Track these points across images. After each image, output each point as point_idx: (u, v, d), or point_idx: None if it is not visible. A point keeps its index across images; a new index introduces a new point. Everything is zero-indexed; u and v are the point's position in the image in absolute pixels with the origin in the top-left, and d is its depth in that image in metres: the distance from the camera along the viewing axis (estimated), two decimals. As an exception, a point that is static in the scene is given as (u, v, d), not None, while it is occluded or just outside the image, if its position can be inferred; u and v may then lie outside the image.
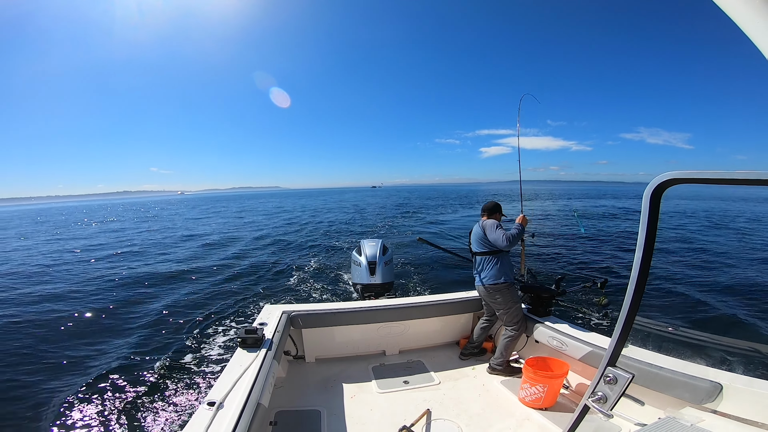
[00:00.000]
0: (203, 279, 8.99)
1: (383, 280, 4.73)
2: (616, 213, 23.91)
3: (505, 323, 3.07)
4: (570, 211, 24.11)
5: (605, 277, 3.27)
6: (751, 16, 0.66)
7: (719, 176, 0.95)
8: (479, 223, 3.22)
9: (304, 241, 14.84)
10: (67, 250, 14.95)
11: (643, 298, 1.17)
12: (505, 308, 3.03)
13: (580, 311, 5.33)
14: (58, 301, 7.47)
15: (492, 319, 3.30)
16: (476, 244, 3.18)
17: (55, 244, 17.28)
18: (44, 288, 8.55)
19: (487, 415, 2.52)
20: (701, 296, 6.61)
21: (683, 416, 1.64)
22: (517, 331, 3.02)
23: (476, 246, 3.18)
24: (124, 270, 10.28)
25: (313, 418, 2.48)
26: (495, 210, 3.26)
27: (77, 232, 22.94)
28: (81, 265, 11.50)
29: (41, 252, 14.64)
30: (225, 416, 1.66)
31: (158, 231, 21.53)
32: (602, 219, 19.63)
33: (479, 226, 3.19)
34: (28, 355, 4.97)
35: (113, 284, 8.72)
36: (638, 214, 1.13)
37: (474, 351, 3.35)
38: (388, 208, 33.67)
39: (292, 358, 3.22)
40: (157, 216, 37.00)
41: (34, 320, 6.27)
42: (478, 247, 3.17)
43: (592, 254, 10.95)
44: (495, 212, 3.25)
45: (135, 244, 15.79)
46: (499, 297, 3.04)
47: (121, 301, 7.33)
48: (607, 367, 1.25)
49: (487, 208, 3.28)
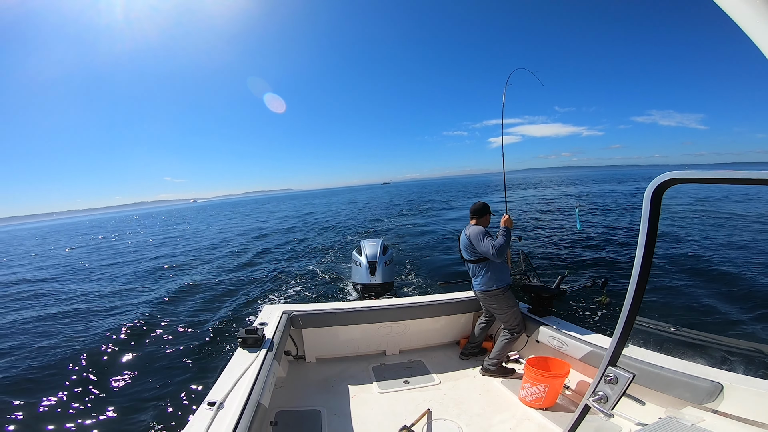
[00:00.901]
0: (203, 279, 8.99)
1: (383, 280, 4.73)
2: (627, 202, 22.97)
3: (505, 327, 3.05)
4: (573, 203, 23.71)
5: (605, 277, 3.26)
6: (751, 16, 0.66)
7: (719, 176, 0.95)
8: (465, 230, 3.10)
9: (304, 241, 14.85)
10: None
11: (643, 298, 1.17)
12: (503, 312, 3.00)
13: (581, 311, 5.34)
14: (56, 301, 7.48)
15: (491, 318, 3.29)
16: (465, 252, 3.11)
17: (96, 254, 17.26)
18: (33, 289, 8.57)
19: (487, 415, 2.52)
20: (702, 296, 6.60)
21: (684, 416, 1.64)
22: (516, 334, 2.99)
23: (465, 254, 3.11)
24: (122, 272, 10.29)
25: (313, 418, 2.47)
26: (484, 212, 3.13)
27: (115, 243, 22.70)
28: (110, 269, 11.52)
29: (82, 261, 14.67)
30: (225, 416, 1.66)
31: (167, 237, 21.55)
32: (610, 211, 19.11)
33: (465, 234, 3.07)
34: (30, 356, 4.98)
35: (113, 285, 8.73)
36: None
37: (474, 350, 3.34)
38: (402, 205, 33.31)
39: (292, 358, 3.22)
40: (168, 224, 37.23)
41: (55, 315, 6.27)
42: (467, 255, 3.09)
43: (593, 252, 10.94)
44: (484, 214, 3.12)
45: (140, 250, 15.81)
46: (494, 303, 3.02)
47: (120, 301, 7.33)
48: (607, 366, 1.25)
49: (476, 210, 3.14)
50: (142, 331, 5.70)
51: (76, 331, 5.87)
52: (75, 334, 5.69)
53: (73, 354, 4.94)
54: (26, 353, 5.05)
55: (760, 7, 0.64)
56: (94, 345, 5.22)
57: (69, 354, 4.95)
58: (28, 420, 3.58)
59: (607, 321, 4.65)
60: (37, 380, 4.30)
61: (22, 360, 4.85)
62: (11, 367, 4.62)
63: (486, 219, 3.14)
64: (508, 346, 3.00)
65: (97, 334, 5.62)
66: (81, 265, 13.24)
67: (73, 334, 5.72)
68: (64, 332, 5.80)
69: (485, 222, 3.12)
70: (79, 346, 5.18)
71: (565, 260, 9.94)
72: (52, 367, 4.62)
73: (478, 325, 3.35)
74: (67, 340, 5.47)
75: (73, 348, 5.14)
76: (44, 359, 4.83)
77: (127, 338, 5.42)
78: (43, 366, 4.64)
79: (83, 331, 5.85)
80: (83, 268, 12.31)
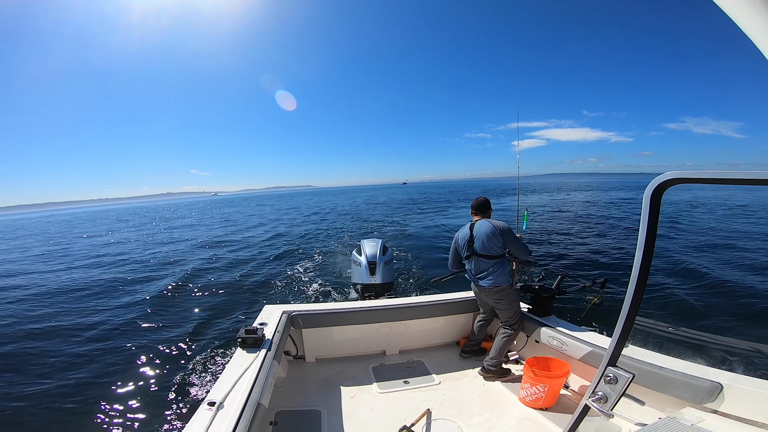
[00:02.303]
0: (203, 279, 8.99)
1: (383, 280, 4.73)
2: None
3: (507, 323, 3.06)
4: (523, 206, 23.08)
5: (605, 277, 3.26)
6: (751, 16, 0.66)
7: (720, 176, 0.95)
8: (490, 223, 3.00)
9: (304, 241, 14.85)
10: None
11: (643, 297, 1.17)
12: (510, 308, 3.03)
13: (581, 311, 5.33)
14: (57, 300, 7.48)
15: (489, 317, 3.32)
16: (488, 245, 2.97)
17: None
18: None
19: (487, 415, 2.52)
20: (702, 296, 6.60)
21: (683, 416, 1.64)
22: (515, 330, 3.03)
23: (487, 248, 2.98)
24: (130, 274, 10.29)
25: (313, 418, 2.48)
26: (487, 207, 3.17)
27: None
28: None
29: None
30: (225, 416, 1.66)
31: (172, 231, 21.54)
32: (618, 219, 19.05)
33: (493, 227, 2.97)
34: (32, 355, 4.98)
35: (118, 283, 8.73)
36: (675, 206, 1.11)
37: (474, 348, 3.35)
38: (416, 204, 33.21)
39: (292, 358, 3.22)
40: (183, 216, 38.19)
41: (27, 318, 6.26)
42: (490, 248, 2.97)
43: (593, 253, 10.95)
44: (487, 209, 3.16)
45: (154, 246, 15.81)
46: (504, 299, 3.03)
47: (120, 301, 7.33)
48: (607, 366, 1.25)
49: (480, 205, 3.16)
50: (140, 330, 5.70)
51: (74, 329, 5.86)
52: (73, 334, 5.68)
53: (72, 352, 4.94)
54: (26, 354, 5.04)
55: (760, 7, 0.64)
56: (94, 344, 5.23)
57: (68, 352, 4.95)
58: (29, 421, 3.59)
59: (606, 321, 4.66)
60: (37, 379, 4.30)
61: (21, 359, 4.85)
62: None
63: (488, 215, 3.15)
64: (509, 342, 3.01)
65: (97, 334, 5.62)
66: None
67: (72, 333, 5.71)
68: (62, 332, 5.79)
69: (489, 217, 3.15)
70: (77, 345, 5.18)
71: (566, 261, 9.95)
72: (52, 365, 4.63)
73: (477, 322, 3.37)
74: (66, 338, 5.47)
75: (71, 346, 5.14)
76: (44, 359, 4.83)
77: (126, 337, 5.42)
78: (43, 364, 4.64)
79: (81, 330, 5.85)
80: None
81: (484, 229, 3.01)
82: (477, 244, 3.04)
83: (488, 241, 2.97)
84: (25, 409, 3.75)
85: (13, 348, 5.23)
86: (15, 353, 5.06)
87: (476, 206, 3.17)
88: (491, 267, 3.00)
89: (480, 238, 3.01)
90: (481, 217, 3.14)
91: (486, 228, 3.00)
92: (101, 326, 6.01)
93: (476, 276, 3.11)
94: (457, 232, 3.27)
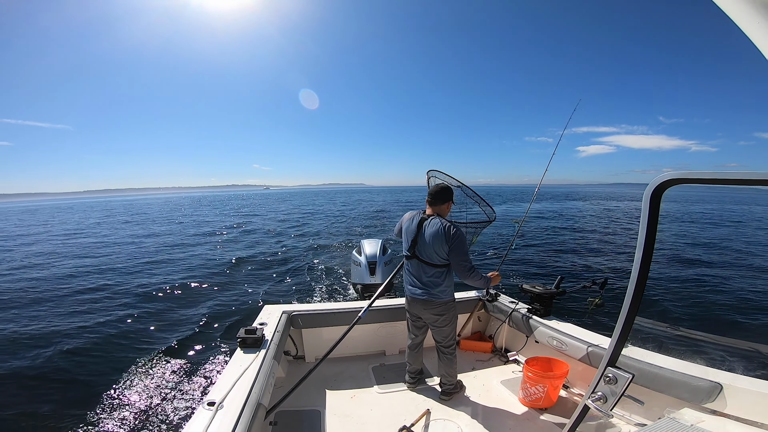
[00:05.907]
0: (203, 279, 8.98)
1: (383, 280, 4.74)
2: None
3: (442, 343, 2.60)
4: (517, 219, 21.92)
5: (605, 277, 3.26)
6: (751, 16, 0.66)
7: (719, 176, 0.95)
8: (441, 225, 2.32)
9: (305, 241, 14.85)
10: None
11: (643, 298, 1.17)
12: (448, 325, 2.57)
13: (581, 311, 5.33)
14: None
15: (421, 338, 2.78)
16: (432, 253, 2.36)
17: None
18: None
19: (487, 415, 2.52)
20: (701, 296, 6.61)
21: (683, 416, 1.64)
22: (454, 351, 2.64)
23: (431, 255, 2.38)
24: (123, 263, 10.29)
25: (313, 418, 2.48)
26: (447, 198, 2.43)
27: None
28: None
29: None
30: (225, 416, 1.66)
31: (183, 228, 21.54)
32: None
33: (441, 226, 2.31)
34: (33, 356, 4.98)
35: (108, 285, 8.73)
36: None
37: (420, 377, 2.90)
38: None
39: (292, 358, 3.23)
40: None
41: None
42: (433, 257, 2.37)
43: (593, 254, 10.96)
44: (447, 200, 2.44)
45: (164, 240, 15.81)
46: (445, 314, 2.53)
47: (119, 301, 7.32)
48: (607, 367, 1.26)
49: (437, 193, 2.41)
50: (140, 331, 5.70)
51: (73, 330, 5.86)
52: (73, 333, 5.68)
53: (72, 352, 4.94)
54: (30, 351, 5.04)
55: (760, 7, 0.64)
56: (94, 344, 5.23)
57: (66, 352, 4.94)
58: (28, 420, 3.59)
59: (606, 321, 4.66)
60: (36, 380, 4.30)
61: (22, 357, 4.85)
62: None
63: (447, 207, 2.47)
64: (454, 362, 2.64)
65: (97, 333, 5.62)
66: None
67: (72, 333, 5.71)
68: (63, 330, 5.79)
69: (445, 211, 2.46)
70: (77, 345, 5.18)
71: (566, 260, 9.95)
72: (51, 363, 4.63)
73: (410, 350, 2.80)
74: (65, 337, 5.46)
75: (71, 346, 5.14)
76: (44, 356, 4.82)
77: (125, 338, 5.42)
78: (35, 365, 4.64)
79: (81, 329, 5.85)
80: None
81: (433, 229, 2.34)
82: (420, 247, 2.42)
83: (434, 246, 2.34)
84: (25, 409, 3.75)
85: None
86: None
87: (433, 194, 2.42)
88: (435, 276, 2.43)
89: (425, 241, 2.37)
90: (435, 212, 2.44)
91: (435, 229, 2.34)
92: (99, 325, 6.01)
93: (413, 284, 2.53)
94: (406, 213, 2.59)
